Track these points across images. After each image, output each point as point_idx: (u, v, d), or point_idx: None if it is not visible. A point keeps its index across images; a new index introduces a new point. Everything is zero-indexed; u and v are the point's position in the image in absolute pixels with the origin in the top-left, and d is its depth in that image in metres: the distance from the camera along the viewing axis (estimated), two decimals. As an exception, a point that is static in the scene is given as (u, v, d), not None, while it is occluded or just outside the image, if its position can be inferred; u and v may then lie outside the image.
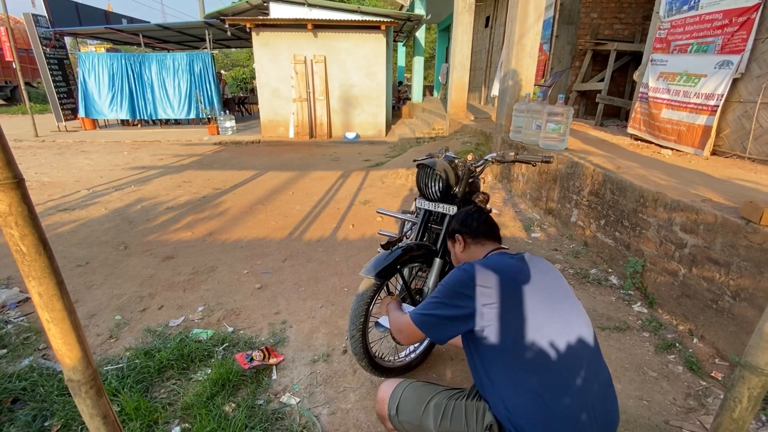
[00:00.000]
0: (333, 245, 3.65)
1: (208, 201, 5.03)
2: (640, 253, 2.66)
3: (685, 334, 2.25)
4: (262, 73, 9.79)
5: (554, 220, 3.83)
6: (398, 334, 1.36)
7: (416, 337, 1.29)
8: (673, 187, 2.66)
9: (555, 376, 1.07)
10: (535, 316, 1.10)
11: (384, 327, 1.77)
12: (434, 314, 1.21)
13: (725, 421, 1.25)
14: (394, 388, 1.34)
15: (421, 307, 1.26)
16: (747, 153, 3.76)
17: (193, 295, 2.80)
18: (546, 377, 1.06)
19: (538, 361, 1.07)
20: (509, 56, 4.82)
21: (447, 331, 1.19)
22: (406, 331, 1.31)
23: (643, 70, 4.88)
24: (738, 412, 1.22)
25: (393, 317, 1.46)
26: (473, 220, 1.45)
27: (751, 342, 1.18)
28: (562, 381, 1.07)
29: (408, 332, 1.30)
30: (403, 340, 1.35)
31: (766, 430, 1.66)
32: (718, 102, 3.92)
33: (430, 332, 1.22)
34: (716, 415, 1.29)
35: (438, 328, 1.20)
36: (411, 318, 1.26)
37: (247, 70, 22.96)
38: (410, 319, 1.26)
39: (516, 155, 1.93)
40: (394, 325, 1.40)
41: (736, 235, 1.98)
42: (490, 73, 10.43)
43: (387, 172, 5.92)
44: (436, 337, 1.21)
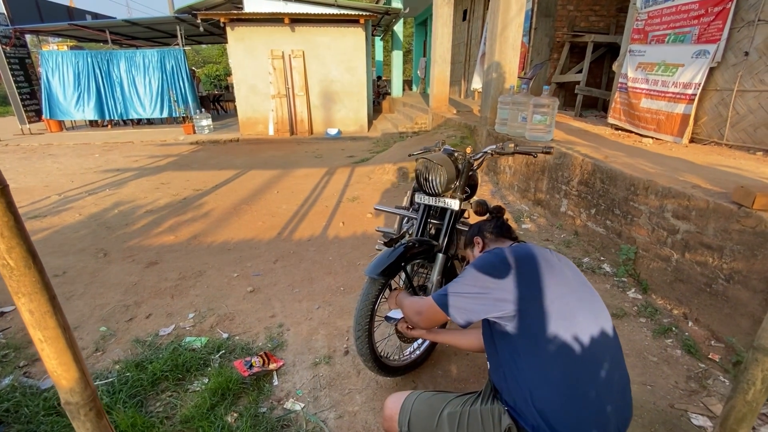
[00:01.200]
0: (324, 244, 3.58)
1: (190, 203, 4.86)
2: (632, 241, 2.70)
3: (680, 318, 2.30)
4: (238, 70, 9.53)
5: (543, 210, 3.87)
6: (417, 316, 1.33)
7: (437, 320, 1.27)
8: (661, 174, 2.71)
9: (583, 367, 1.05)
10: (567, 305, 1.09)
11: (394, 319, 1.73)
12: (461, 293, 1.18)
13: (738, 404, 1.27)
14: (402, 402, 1.29)
15: (446, 289, 1.23)
16: (724, 140, 3.89)
17: (182, 301, 2.68)
18: (575, 368, 1.05)
19: (568, 351, 1.05)
20: (492, 48, 4.82)
21: (473, 313, 1.15)
22: (427, 313, 1.28)
23: (621, 61, 4.98)
24: (751, 394, 1.23)
25: (409, 302, 1.43)
26: (490, 223, 1.46)
27: (764, 325, 1.19)
28: (590, 373, 1.05)
29: (429, 314, 1.27)
30: (422, 322, 1.32)
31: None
32: (695, 91, 4.03)
33: (455, 313, 1.18)
34: (729, 398, 1.31)
35: (464, 309, 1.16)
36: (434, 299, 1.23)
37: (221, 67, 22.37)
38: (432, 301, 1.24)
39: (516, 147, 1.91)
40: (413, 308, 1.36)
41: (729, 220, 2.03)
42: (470, 67, 10.48)
43: (373, 168, 5.86)
44: (461, 318, 1.17)
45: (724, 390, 1.83)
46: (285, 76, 9.44)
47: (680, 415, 1.71)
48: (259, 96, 9.69)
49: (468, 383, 1.94)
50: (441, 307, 1.21)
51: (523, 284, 1.11)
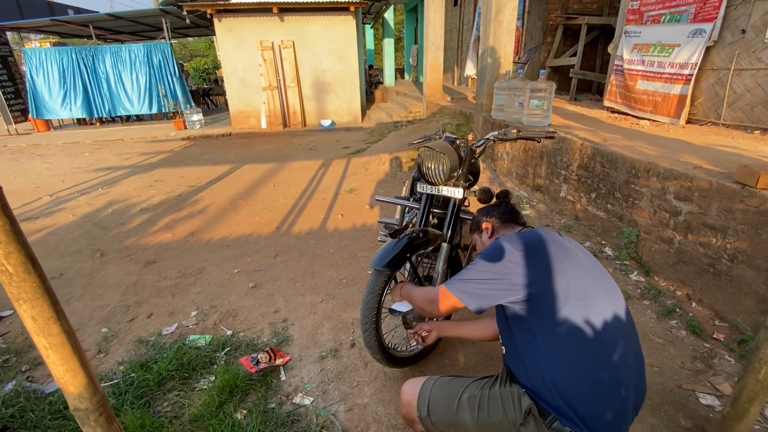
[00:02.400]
0: (324, 237, 3.55)
1: (185, 199, 4.79)
2: (633, 224, 2.70)
3: (683, 299, 2.31)
4: (227, 62, 9.35)
5: (543, 196, 3.86)
6: (429, 305, 1.32)
7: (449, 307, 1.25)
8: (661, 156, 2.70)
9: (600, 347, 1.05)
10: (583, 286, 1.08)
11: (399, 311, 1.71)
12: (475, 280, 1.17)
13: (750, 383, 1.27)
14: (420, 388, 1.29)
15: (458, 276, 1.22)
16: (721, 120, 3.88)
17: (184, 299, 2.65)
18: (592, 348, 1.05)
19: (585, 332, 1.05)
20: (486, 33, 4.75)
21: (487, 298, 1.15)
22: (440, 301, 1.27)
23: (617, 43, 4.93)
24: (763, 373, 1.24)
25: (419, 292, 1.42)
26: (497, 207, 1.44)
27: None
28: (607, 354, 1.05)
29: (441, 301, 1.26)
30: (434, 311, 1.31)
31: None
32: (692, 71, 4.01)
33: (467, 299, 1.17)
34: (740, 378, 1.31)
35: (477, 295, 1.16)
36: (446, 287, 1.22)
37: (209, 60, 21.97)
38: (445, 289, 1.22)
39: (518, 133, 1.88)
40: (425, 297, 1.35)
41: (732, 200, 2.02)
42: (462, 53, 10.36)
43: (369, 159, 5.81)
44: (474, 303, 1.16)
45: (730, 369, 1.84)
46: (275, 68, 9.29)
47: (688, 395, 1.72)
48: (249, 89, 9.53)
49: (476, 371, 1.94)
50: (454, 293, 1.20)
51: (537, 268, 1.10)
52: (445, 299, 1.24)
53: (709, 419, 1.59)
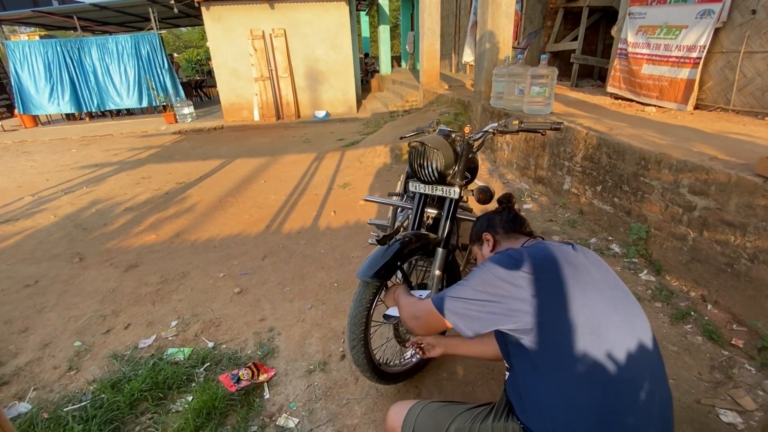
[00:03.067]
0: (315, 236, 3.38)
1: (172, 197, 4.61)
2: (642, 219, 2.53)
3: (697, 300, 2.15)
4: (217, 53, 9.07)
5: (545, 188, 3.68)
6: (413, 321, 1.16)
7: (435, 327, 1.09)
8: (673, 146, 2.52)
9: (618, 390, 0.88)
10: (596, 316, 0.91)
11: (394, 317, 1.55)
12: (467, 299, 0.99)
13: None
14: (406, 414, 1.13)
15: (449, 292, 1.04)
16: (731, 105, 3.69)
17: (164, 307, 2.49)
18: (608, 392, 0.88)
19: (599, 372, 0.88)
20: (484, 16, 4.52)
21: (482, 322, 0.97)
22: (425, 319, 1.10)
23: (621, 25, 4.70)
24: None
25: (405, 302, 1.25)
26: (500, 215, 1.26)
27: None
28: (626, 396, 0.88)
29: (427, 319, 1.10)
30: (417, 328, 1.15)
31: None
32: (700, 54, 3.80)
33: (459, 322, 1.00)
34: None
35: (470, 318, 0.98)
36: (434, 303, 1.05)
37: (202, 51, 21.54)
38: (431, 305, 1.05)
39: (521, 124, 1.69)
40: (408, 310, 1.19)
41: (753, 195, 1.85)
42: (460, 39, 10.07)
43: (364, 151, 5.61)
44: (467, 328, 0.99)
45: (751, 380, 1.69)
46: (267, 58, 9.01)
47: (708, 412, 1.57)
48: (241, 80, 9.27)
49: (476, 386, 1.79)
50: (443, 312, 1.03)
51: (543, 292, 0.93)
52: (431, 317, 1.08)
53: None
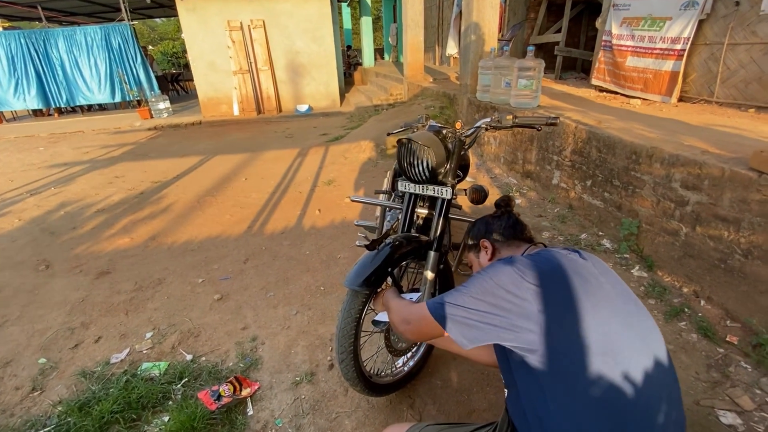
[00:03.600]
0: (300, 236, 3.25)
1: (148, 197, 4.39)
2: (634, 214, 2.50)
3: (690, 296, 2.13)
4: (193, 45, 8.73)
5: (533, 183, 3.64)
6: (403, 325, 1.06)
7: (428, 333, 1.00)
8: (662, 139, 2.48)
9: (635, 415, 0.80)
10: (609, 334, 0.82)
11: (384, 323, 1.46)
12: (465, 307, 0.90)
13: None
14: None
15: (446, 298, 0.94)
16: (714, 97, 3.70)
17: (138, 318, 2.34)
18: (624, 417, 0.80)
19: (615, 396, 0.80)
20: (469, 7, 4.42)
21: (482, 333, 0.88)
22: (417, 323, 1.01)
23: (605, 17, 4.67)
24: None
25: (396, 306, 1.15)
26: (499, 220, 1.17)
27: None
28: (643, 421, 0.81)
29: (420, 326, 1.00)
30: (409, 333, 1.05)
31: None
32: (684, 46, 3.80)
33: (456, 330, 0.90)
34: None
35: (469, 327, 0.89)
36: (428, 308, 0.96)
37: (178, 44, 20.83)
38: (426, 310, 0.96)
39: (515, 119, 1.60)
40: (400, 314, 1.09)
41: (748, 189, 1.82)
42: (443, 31, 9.96)
43: (348, 146, 5.47)
44: (464, 338, 0.89)
45: (748, 378, 1.67)
46: (246, 50, 8.72)
47: (707, 414, 1.54)
48: (219, 73, 8.95)
49: (471, 393, 1.71)
50: (438, 319, 0.93)
51: (551, 307, 0.85)
52: (424, 323, 0.98)
53: (736, 444, 1.41)
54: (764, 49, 3.19)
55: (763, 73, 3.23)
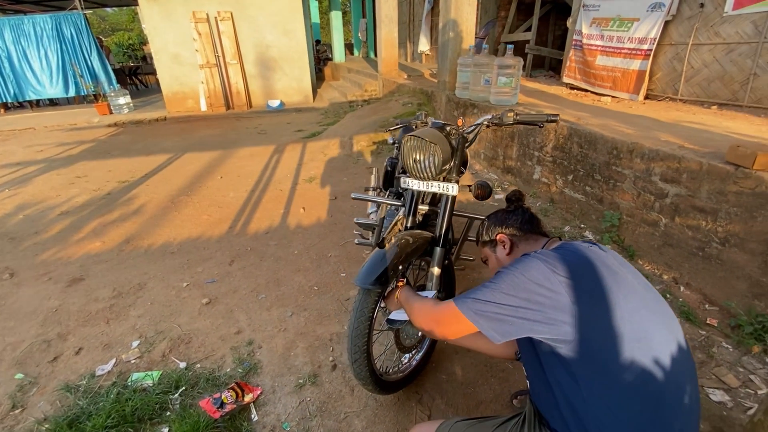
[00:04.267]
0: (286, 236, 3.17)
1: (116, 198, 4.14)
2: (615, 207, 2.62)
3: (670, 283, 2.26)
4: (155, 36, 8.29)
5: (514, 178, 3.73)
6: (433, 325, 1.06)
7: (459, 330, 1.00)
8: (640, 135, 2.61)
9: (666, 396, 0.85)
10: (641, 323, 0.86)
11: (400, 321, 1.43)
12: (497, 303, 0.91)
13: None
14: None
15: (475, 294, 0.95)
16: (679, 95, 3.93)
17: (122, 326, 2.20)
18: (657, 399, 0.84)
19: (648, 380, 0.84)
20: (447, 5, 4.45)
21: (515, 327, 0.90)
22: (447, 322, 1.01)
23: (575, 17, 4.85)
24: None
25: (421, 305, 1.15)
26: (514, 214, 1.18)
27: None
28: (673, 401, 0.85)
29: (450, 323, 1.00)
30: (439, 332, 1.05)
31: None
32: (651, 46, 4.01)
33: (487, 325, 0.92)
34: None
35: (502, 322, 0.90)
36: (459, 306, 0.96)
37: (134, 35, 19.74)
38: (456, 308, 0.96)
39: (516, 116, 1.64)
40: (428, 315, 1.09)
41: (725, 182, 1.95)
42: (414, 28, 10.00)
43: (327, 143, 5.40)
44: (495, 332, 0.91)
45: (730, 357, 1.80)
46: (213, 42, 8.38)
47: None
48: (184, 66, 8.56)
49: (477, 386, 1.74)
50: (468, 315, 0.94)
51: (585, 300, 0.87)
52: (455, 321, 0.98)
53: (725, 419, 1.51)
54: (726, 49, 3.43)
55: (725, 72, 3.47)
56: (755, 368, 1.72)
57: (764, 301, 1.86)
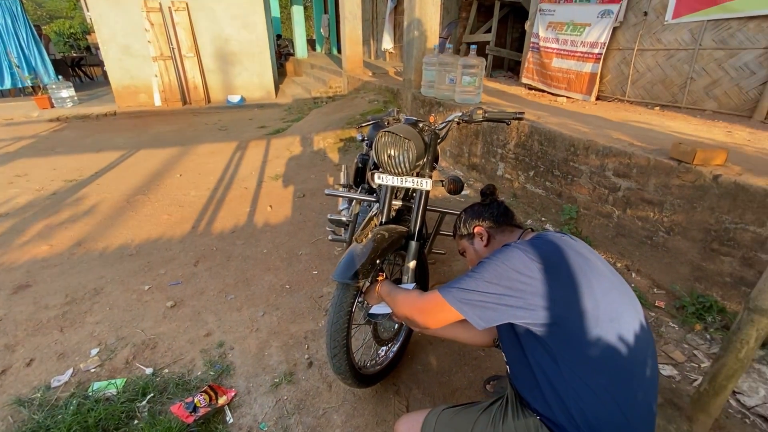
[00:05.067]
0: (254, 234, 3.10)
1: (63, 198, 3.86)
2: (572, 200, 2.78)
3: (623, 270, 2.44)
4: (102, 26, 7.75)
5: (479, 175, 3.86)
6: (419, 314, 1.10)
7: (444, 319, 1.04)
8: (595, 133, 2.79)
9: (632, 370, 0.94)
10: (612, 304, 0.94)
11: (382, 315, 1.46)
12: (480, 291, 0.96)
13: (730, 362, 1.30)
14: (421, 428, 1.08)
15: (459, 284, 1.00)
16: (626, 96, 4.23)
17: (78, 334, 2.07)
18: (624, 372, 0.93)
19: (616, 355, 0.92)
20: (412, 4, 4.51)
21: (497, 313, 0.95)
22: (433, 312, 1.05)
23: (533, 20, 5.07)
24: (744, 352, 1.26)
25: (405, 297, 1.18)
26: (490, 207, 1.24)
27: (760, 286, 1.20)
28: (638, 374, 0.94)
29: (435, 312, 1.04)
30: (425, 322, 1.09)
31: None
32: (601, 50, 4.27)
33: (472, 312, 0.96)
34: (718, 357, 1.34)
35: (485, 309, 0.96)
36: (443, 296, 1.00)
37: (76, 23, 18.30)
38: (441, 298, 1.01)
39: (485, 114, 1.70)
40: (412, 305, 1.12)
41: (669, 176, 2.13)
42: (377, 25, 10.02)
43: (293, 139, 5.30)
44: (479, 318, 0.96)
45: (676, 335, 1.97)
46: (167, 34, 7.96)
47: (649, 369, 1.79)
48: (136, 58, 8.07)
49: (452, 374, 1.80)
50: (452, 304, 0.99)
51: (561, 286, 0.93)
52: (440, 310, 1.02)
53: (675, 391, 1.66)
54: (667, 55, 3.72)
55: (666, 76, 3.77)
56: (698, 344, 1.90)
57: (704, 283, 2.06)
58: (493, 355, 1.89)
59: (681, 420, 1.50)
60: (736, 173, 1.93)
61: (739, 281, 1.91)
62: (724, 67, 3.34)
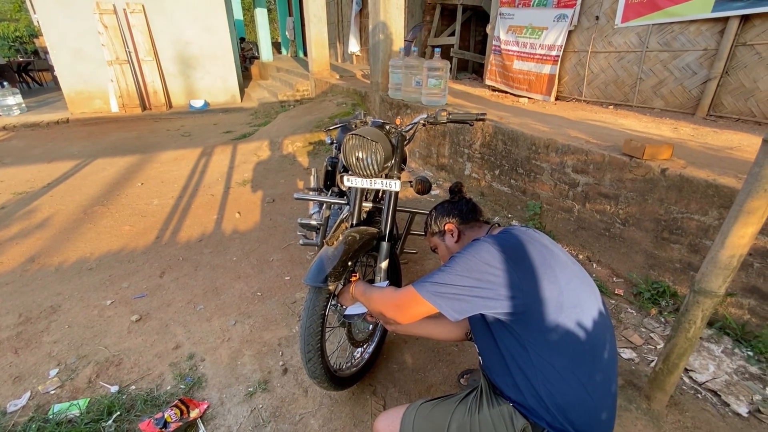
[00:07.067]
0: (222, 242, 3.03)
1: (13, 212, 3.62)
2: (536, 197, 2.89)
3: (585, 261, 2.57)
4: (51, 28, 7.34)
5: (447, 175, 3.94)
6: (394, 310, 1.11)
7: (419, 313, 1.07)
8: (554, 132, 2.92)
9: (592, 353, 1.00)
10: (575, 291, 1.00)
11: (358, 314, 1.46)
12: (452, 284, 0.99)
13: (680, 341, 1.40)
14: (400, 423, 1.10)
15: (432, 278, 1.03)
16: (583, 96, 4.44)
17: (34, 355, 1.95)
18: (587, 357, 0.99)
19: (577, 340, 0.98)
20: (376, 8, 4.55)
21: (469, 305, 0.99)
22: (408, 306, 1.07)
23: (494, 24, 5.23)
24: (692, 331, 1.37)
25: (380, 295, 1.20)
26: (458, 205, 1.28)
27: (703, 269, 1.30)
28: (598, 357, 1.01)
29: (409, 306, 1.06)
30: (400, 317, 1.11)
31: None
32: (558, 53, 4.47)
33: (445, 305, 1.00)
34: (670, 337, 1.44)
35: (459, 301, 0.99)
36: (418, 290, 1.03)
37: (21, 26, 17.21)
38: (415, 292, 1.03)
39: (449, 115, 1.76)
40: (390, 301, 1.14)
41: (623, 171, 2.26)
42: (343, 28, 10.02)
43: (260, 144, 5.21)
44: (453, 310, 0.99)
45: (634, 321, 2.09)
46: (122, 37, 7.63)
47: (611, 353, 1.89)
48: (89, 63, 7.68)
49: (427, 371, 1.83)
50: (427, 297, 1.02)
51: (527, 276, 0.99)
52: (414, 304, 1.05)
53: (634, 373, 1.76)
54: (618, 57, 3.94)
55: (618, 77, 3.99)
56: (654, 327, 2.03)
57: (657, 270, 2.20)
58: (466, 350, 1.94)
59: (640, 399, 1.60)
60: (681, 166, 2.08)
61: (687, 266, 2.06)
62: (669, 68, 3.58)
